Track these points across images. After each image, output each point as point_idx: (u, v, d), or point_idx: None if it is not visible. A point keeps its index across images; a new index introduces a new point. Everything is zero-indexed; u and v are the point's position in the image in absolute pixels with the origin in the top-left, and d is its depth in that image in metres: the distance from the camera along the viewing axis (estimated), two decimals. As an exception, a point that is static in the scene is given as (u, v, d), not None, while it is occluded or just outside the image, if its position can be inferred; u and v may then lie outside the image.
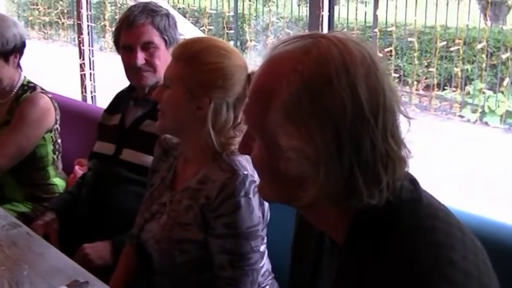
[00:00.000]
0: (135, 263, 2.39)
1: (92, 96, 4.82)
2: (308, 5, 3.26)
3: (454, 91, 9.45)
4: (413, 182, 1.34)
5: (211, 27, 11.57)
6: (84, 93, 4.82)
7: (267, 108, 1.26)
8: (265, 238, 2.21)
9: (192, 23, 9.41)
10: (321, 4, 3.15)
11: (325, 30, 3.11)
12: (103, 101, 4.12)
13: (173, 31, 2.86)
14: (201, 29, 10.49)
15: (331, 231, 1.40)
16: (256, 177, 2.06)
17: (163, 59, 2.80)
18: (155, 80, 2.82)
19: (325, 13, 3.19)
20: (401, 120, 1.29)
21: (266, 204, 2.14)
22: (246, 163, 2.10)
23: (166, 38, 2.83)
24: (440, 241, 1.22)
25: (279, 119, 1.25)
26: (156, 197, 2.31)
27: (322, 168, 1.21)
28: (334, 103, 1.19)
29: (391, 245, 1.24)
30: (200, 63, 2.12)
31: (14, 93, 3.35)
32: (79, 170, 3.47)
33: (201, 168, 2.17)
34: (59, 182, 3.44)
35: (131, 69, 2.83)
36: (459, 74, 9.36)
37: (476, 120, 9.07)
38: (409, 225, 1.26)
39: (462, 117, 9.23)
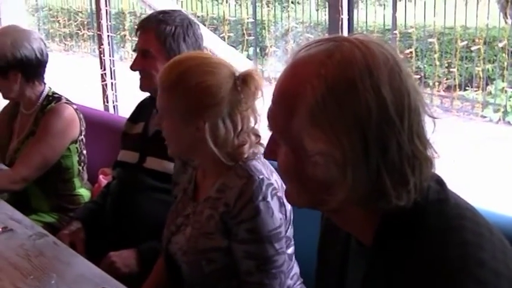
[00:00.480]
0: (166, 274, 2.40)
1: (114, 106, 4.85)
2: (327, 9, 3.25)
3: (475, 91, 9.39)
4: (439, 182, 1.33)
5: (231, 34, 11.59)
6: (106, 103, 4.84)
7: (292, 113, 1.26)
8: (292, 240, 2.21)
9: (211, 30, 9.44)
10: (340, 8, 3.15)
11: (346, 34, 3.10)
12: (125, 110, 4.15)
13: (176, 43, 2.79)
14: (221, 36, 10.50)
15: (358, 233, 1.40)
16: (273, 180, 2.09)
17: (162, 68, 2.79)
18: (152, 87, 2.80)
19: (345, 16, 3.19)
20: (426, 121, 1.28)
21: (288, 205, 2.14)
22: (261, 167, 2.12)
23: (166, 49, 2.78)
24: (468, 241, 1.22)
25: (305, 123, 1.25)
26: (181, 209, 2.32)
27: (350, 171, 1.21)
28: (359, 106, 1.19)
29: (419, 246, 1.24)
30: (182, 90, 2.11)
31: (39, 104, 3.39)
32: (103, 180, 3.49)
33: (218, 178, 2.18)
34: (84, 193, 3.47)
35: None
36: (480, 74, 9.30)
37: (499, 119, 9.01)
38: (437, 226, 1.25)
39: (484, 117, 9.17)
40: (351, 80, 1.21)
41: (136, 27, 2.90)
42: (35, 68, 3.35)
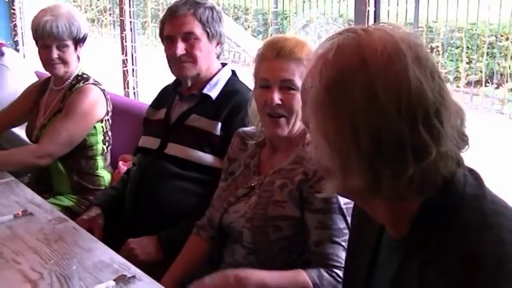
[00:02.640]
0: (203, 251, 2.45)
1: (134, 92, 4.82)
2: (354, 1, 3.21)
3: (496, 88, 9.29)
4: (476, 178, 1.32)
5: (252, 24, 11.54)
6: (126, 89, 4.82)
7: (304, 104, 1.36)
8: None
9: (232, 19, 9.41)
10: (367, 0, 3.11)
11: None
12: (143, 96, 4.13)
13: (217, 24, 2.84)
14: (245, 24, 10.48)
15: (391, 226, 1.39)
16: None
17: (205, 51, 2.81)
18: (195, 71, 2.82)
19: (371, 8, 3.15)
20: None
21: None
22: None
23: (208, 30, 2.81)
24: (505, 239, 1.20)
25: (308, 113, 1.32)
26: (242, 182, 2.36)
27: (337, 158, 1.25)
28: (346, 96, 1.23)
29: (454, 241, 1.23)
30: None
31: (68, 82, 3.43)
32: (123, 166, 3.48)
33: (291, 152, 2.24)
34: (105, 175, 3.47)
35: (172, 60, 2.83)
36: (502, 70, 9.21)
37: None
38: (474, 222, 1.25)
39: (503, 114, 9.07)
40: (342, 72, 1.24)
41: (169, 13, 2.86)
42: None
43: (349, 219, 2.08)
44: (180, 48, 2.79)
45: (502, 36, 9.15)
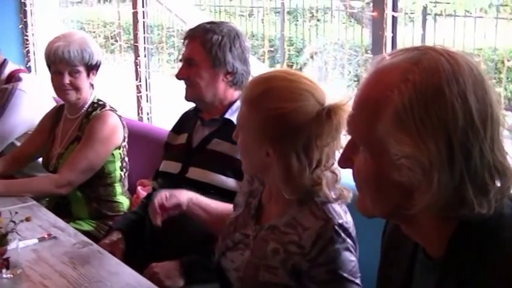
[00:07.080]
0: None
1: (148, 118, 4.85)
2: (371, 27, 3.25)
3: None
4: (511, 198, 1.33)
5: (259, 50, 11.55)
6: (140, 115, 4.85)
7: (377, 117, 1.27)
8: None
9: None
10: (384, 25, 3.14)
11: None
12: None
13: (222, 53, 2.80)
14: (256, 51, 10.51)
15: (429, 244, 1.39)
16: (350, 224, 2.02)
17: (206, 78, 2.82)
18: (196, 97, 2.87)
19: (389, 34, 3.18)
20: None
21: (354, 232, 2.05)
22: (339, 210, 2.03)
23: (211, 57, 2.80)
24: None
25: (390, 127, 1.26)
26: (240, 224, 2.26)
27: (436, 176, 1.22)
28: (446, 111, 1.21)
29: (493, 259, 1.24)
30: (262, 109, 2.01)
31: (84, 110, 3.45)
32: (142, 191, 3.49)
33: (286, 208, 2.08)
34: (124, 201, 3.49)
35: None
36: (509, 95, 9.21)
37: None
38: None
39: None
40: (438, 86, 1.23)
41: (185, 37, 2.91)
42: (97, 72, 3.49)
43: (356, 279, 1.99)
44: (182, 72, 2.87)
45: (508, 60, 9.15)
